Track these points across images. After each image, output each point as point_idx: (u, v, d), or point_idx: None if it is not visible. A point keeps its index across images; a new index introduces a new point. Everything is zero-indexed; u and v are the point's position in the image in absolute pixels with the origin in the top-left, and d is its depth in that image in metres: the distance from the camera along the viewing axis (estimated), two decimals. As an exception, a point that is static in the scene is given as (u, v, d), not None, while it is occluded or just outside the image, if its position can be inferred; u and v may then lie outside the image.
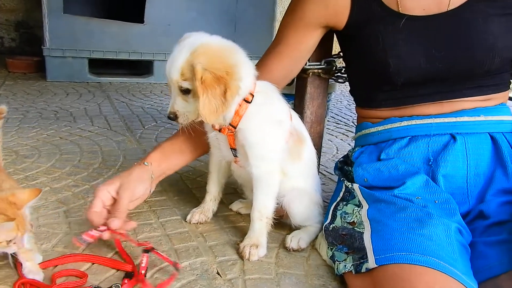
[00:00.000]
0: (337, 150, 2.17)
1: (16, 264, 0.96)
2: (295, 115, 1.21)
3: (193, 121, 1.07)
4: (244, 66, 1.03)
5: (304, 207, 1.21)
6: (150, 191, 1.21)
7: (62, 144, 1.90)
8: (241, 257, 1.11)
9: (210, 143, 1.20)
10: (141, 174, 1.16)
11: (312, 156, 1.26)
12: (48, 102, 2.67)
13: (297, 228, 1.23)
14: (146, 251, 1.00)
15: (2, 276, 0.96)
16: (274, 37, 1.30)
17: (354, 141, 1.31)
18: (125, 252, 1.06)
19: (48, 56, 3.30)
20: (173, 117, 1.05)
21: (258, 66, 1.19)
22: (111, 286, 0.94)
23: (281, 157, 1.12)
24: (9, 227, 0.85)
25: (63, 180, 1.51)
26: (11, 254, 0.94)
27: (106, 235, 1.03)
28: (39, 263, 0.98)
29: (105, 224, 1.04)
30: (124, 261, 1.04)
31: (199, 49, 0.98)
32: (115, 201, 1.10)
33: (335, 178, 1.70)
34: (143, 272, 0.96)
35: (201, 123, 1.10)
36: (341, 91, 3.91)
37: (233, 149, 1.14)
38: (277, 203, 1.16)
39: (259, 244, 1.12)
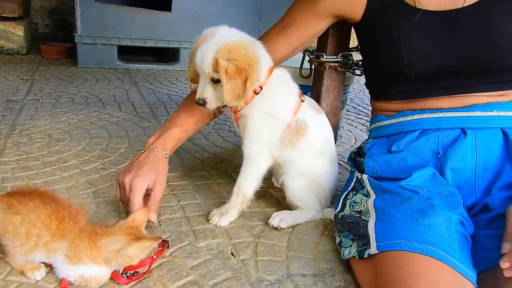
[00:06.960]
0: (356, 140, 2.20)
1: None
2: (307, 107, 1.25)
3: (219, 106, 1.18)
4: (262, 60, 1.13)
5: (300, 188, 1.26)
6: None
7: (92, 128, 2.01)
8: (208, 221, 1.26)
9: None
10: (164, 165, 1.25)
11: (316, 145, 1.28)
12: (79, 88, 2.79)
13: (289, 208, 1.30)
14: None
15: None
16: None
17: (368, 133, 1.35)
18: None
19: (80, 43, 3.42)
20: (202, 102, 1.16)
21: (264, 42, 1.22)
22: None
23: (272, 144, 1.21)
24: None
25: (92, 163, 1.61)
26: None
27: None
28: None
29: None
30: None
31: (226, 46, 1.08)
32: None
33: (351, 168, 1.75)
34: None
35: (225, 107, 1.21)
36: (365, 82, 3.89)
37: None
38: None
39: (227, 214, 1.25)
